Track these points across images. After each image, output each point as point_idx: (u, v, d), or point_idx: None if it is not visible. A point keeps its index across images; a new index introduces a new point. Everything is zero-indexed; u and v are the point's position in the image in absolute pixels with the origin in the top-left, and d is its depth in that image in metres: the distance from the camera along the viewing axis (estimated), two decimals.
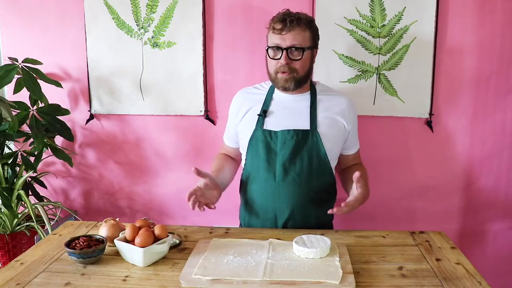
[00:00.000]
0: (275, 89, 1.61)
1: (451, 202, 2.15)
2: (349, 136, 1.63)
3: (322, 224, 1.61)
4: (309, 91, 1.60)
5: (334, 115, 1.58)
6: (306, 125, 1.54)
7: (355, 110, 1.64)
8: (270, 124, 1.56)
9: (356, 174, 1.37)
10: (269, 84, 1.65)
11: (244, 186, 1.65)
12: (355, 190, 1.43)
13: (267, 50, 1.53)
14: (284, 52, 1.47)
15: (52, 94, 2.08)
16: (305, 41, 1.49)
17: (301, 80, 1.53)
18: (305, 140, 1.53)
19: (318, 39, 1.59)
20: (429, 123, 2.06)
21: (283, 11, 1.52)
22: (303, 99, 1.59)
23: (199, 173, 1.42)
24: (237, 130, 1.65)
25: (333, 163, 1.62)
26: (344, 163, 1.71)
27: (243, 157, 1.66)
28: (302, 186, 1.54)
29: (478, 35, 1.98)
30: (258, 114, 1.57)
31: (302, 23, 1.48)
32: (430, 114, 2.04)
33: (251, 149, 1.58)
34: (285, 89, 1.55)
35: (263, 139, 1.55)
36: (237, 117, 1.64)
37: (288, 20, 1.46)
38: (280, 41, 1.48)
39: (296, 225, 1.56)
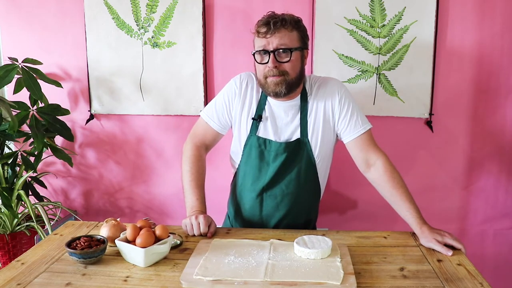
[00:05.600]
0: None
1: (451, 202, 2.15)
2: (343, 121, 1.52)
3: (309, 220, 1.62)
4: (299, 96, 1.53)
5: (325, 116, 1.52)
6: (297, 134, 1.52)
7: (347, 94, 1.53)
8: (264, 131, 1.53)
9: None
10: None
11: (233, 191, 1.65)
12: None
13: (254, 56, 1.47)
14: (271, 55, 1.41)
15: (52, 94, 2.09)
16: (292, 41, 1.42)
17: (292, 84, 1.45)
18: (296, 152, 1.51)
19: (308, 39, 1.51)
20: (429, 123, 2.06)
21: (267, 13, 1.46)
22: (295, 105, 1.53)
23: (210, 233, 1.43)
24: (230, 122, 1.60)
25: (320, 164, 1.56)
26: (358, 152, 1.53)
27: (236, 160, 1.62)
28: (290, 196, 1.55)
29: (478, 35, 1.98)
30: (252, 118, 1.54)
31: (288, 23, 1.41)
32: (430, 114, 2.04)
33: (245, 153, 1.56)
34: (276, 95, 1.46)
35: (257, 146, 1.53)
36: (233, 107, 1.57)
37: (272, 22, 1.40)
38: (266, 44, 1.41)
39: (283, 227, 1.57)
